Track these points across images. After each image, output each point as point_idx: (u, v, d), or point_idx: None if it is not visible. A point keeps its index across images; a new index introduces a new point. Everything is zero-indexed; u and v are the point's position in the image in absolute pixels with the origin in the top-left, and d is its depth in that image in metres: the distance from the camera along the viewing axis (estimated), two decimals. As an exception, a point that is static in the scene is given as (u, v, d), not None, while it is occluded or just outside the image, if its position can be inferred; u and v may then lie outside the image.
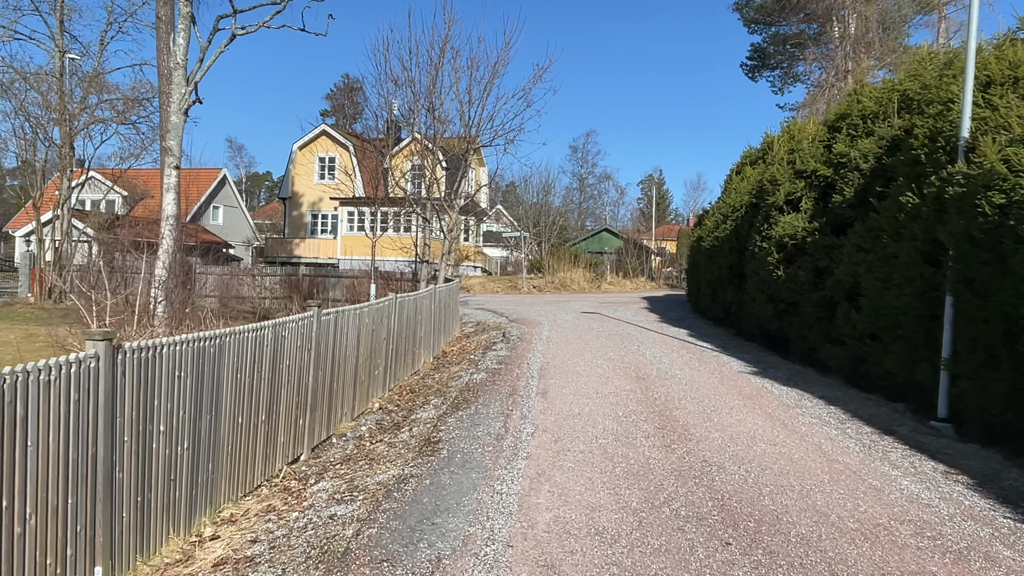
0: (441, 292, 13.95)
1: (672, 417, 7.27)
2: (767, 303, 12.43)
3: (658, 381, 9.31)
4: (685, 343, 13.55)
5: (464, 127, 16.31)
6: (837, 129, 12.62)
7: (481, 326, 16.73)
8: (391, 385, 10.00)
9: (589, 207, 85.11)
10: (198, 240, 43.25)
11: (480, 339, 14.46)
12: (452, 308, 15.51)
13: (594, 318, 17.85)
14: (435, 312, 13.17)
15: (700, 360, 11.37)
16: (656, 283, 34.88)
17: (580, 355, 11.47)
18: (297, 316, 6.55)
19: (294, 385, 6.53)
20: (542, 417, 7.05)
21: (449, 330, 15.14)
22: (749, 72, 36.03)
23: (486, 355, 11.54)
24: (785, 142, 16.22)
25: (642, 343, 13.22)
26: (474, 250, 41.73)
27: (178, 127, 9.23)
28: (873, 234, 9.20)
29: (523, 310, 20.01)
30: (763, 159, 17.39)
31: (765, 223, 13.07)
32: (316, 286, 21.60)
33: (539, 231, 41.31)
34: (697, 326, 16.96)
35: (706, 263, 17.38)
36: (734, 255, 15.38)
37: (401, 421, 7.57)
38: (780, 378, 9.97)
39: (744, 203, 15.66)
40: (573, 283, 29.70)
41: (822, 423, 7.35)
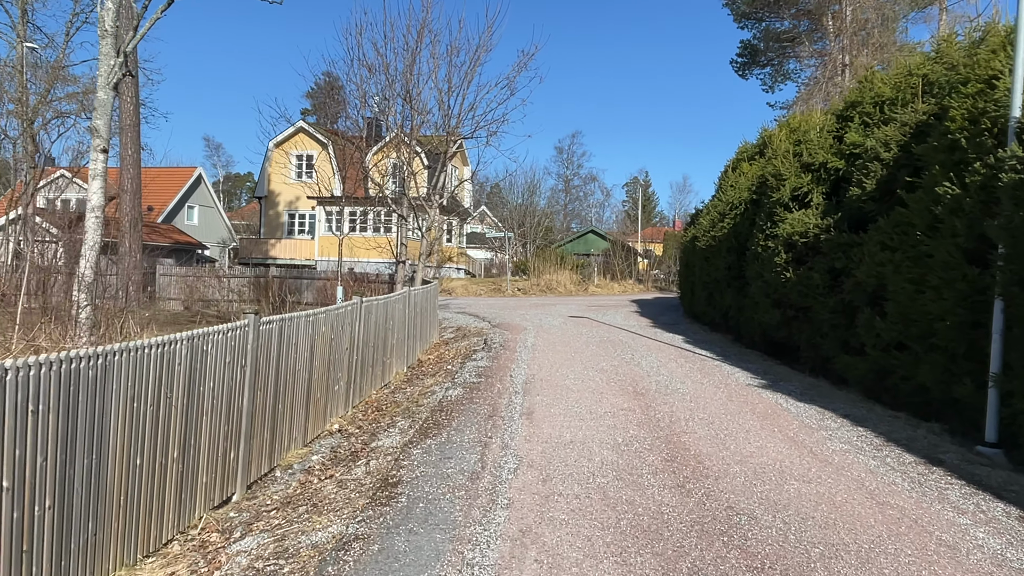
0: (417, 295, 12.74)
1: (681, 444, 6.12)
2: (773, 308, 11.35)
3: (659, 397, 8.16)
4: (683, 351, 12.44)
5: (443, 117, 15.16)
6: (847, 119, 11.61)
7: (462, 332, 15.54)
8: (355, 401, 8.78)
9: (575, 208, 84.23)
10: (170, 241, 41.73)
11: (460, 346, 13.26)
12: (430, 312, 14.31)
13: (583, 323, 16.72)
14: (410, 317, 11.97)
15: (702, 371, 10.25)
16: (644, 286, 33.85)
17: (569, 366, 10.31)
18: (226, 326, 5.33)
19: (222, 411, 5.30)
20: (527, 446, 5.87)
21: (426, 336, 13.94)
22: (739, 70, 35.16)
23: (465, 365, 10.35)
24: (786, 136, 15.21)
25: (636, 351, 12.09)
26: (457, 251, 40.50)
27: (106, 104, 7.97)
28: (901, 230, 8.13)
29: (507, 314, 18.84)
30: (761, 154, 16.38)
31: (769, 221, 12.01)
32: (287, 289, 20.30)
33: (524, 232, 40.16)
34: (693, 332, 15.87)
35: (702, 264, 16.31)
36: (733, 256, 14.31)
37: (360, 449, 6.36)
38: (794, 392, 8.87)
39: (743, 200, 14.61)
40: (559, 286, 28.57)
41: (855, 450, 6.24)
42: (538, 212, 49.17)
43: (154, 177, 52.63)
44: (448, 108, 15.09)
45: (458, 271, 41.22)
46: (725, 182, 17.80)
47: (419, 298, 12.92)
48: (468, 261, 44.65)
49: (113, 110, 12.61)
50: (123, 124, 20.89)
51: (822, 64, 25.21)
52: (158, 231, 42.21)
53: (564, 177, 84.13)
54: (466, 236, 43.70)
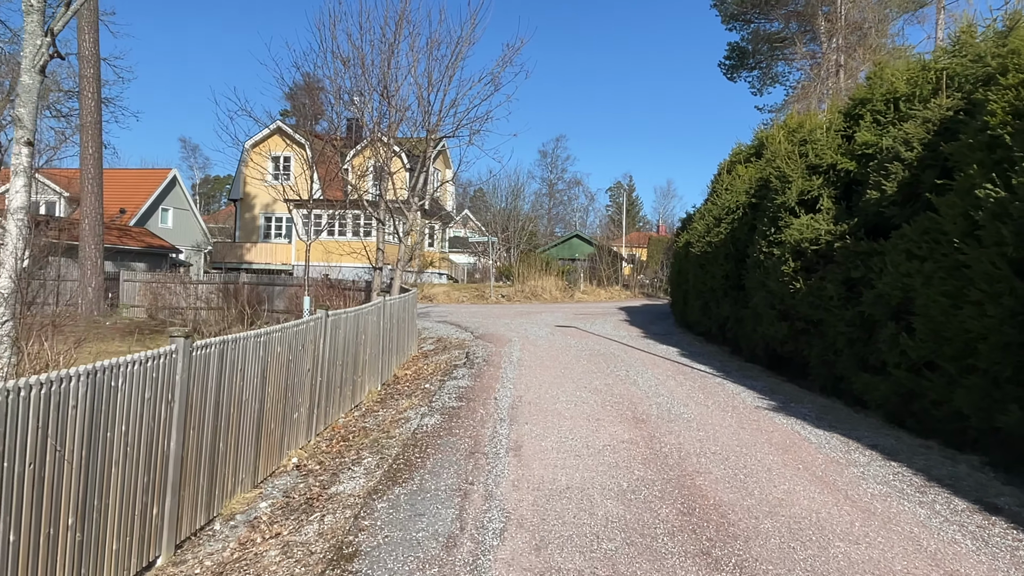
0: (393, 305, 11.74)
1: (697, 490, 5.20)
2: (779, 320, 10.50)
3: (663, 425, 7.24)
4: (680, 366, 11.55)
5: (423, 114, 14.18)
6: (856, 117, 10.83)
7: (442, 343, 14.55)
8: (319, 429, 7.77)
9: (559, 213, 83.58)
10: (143, 244, 40.34)
11: (440, 360, 12.28)
12: (408, 323, 13.31)
13: (570, 333, 15.80)
14: (385, 330, 10.97)
15: (704, 390, 9.36)
16: (631, 292, 33.05)
17: (560, 385, 9.37)
18: (144, 355, 4.32)
19: (139, 459, 4.30)
20: (515, 496, 4.91)
21: (404, 349, 12.94)
22: (728, 72, 34.53)
23: (444, 384, 9.37)
24: (784, 136, 14.45)
25: (631, 366, 11.17)
26: (439, 256, 39.48)
27: (31, 90, 6.90)
28: (931, 237, 7.28)
29: (490, 323, 17.88)
30: (757, 156, 15.61)
31: (772, 226, 11.18)
32: (257, 296, 19.17)
33: (508, 236, 39.24)
34: (687, 343, 15.01)
35: (696, 272, 15.47)
36: (731, 263, 13.48)
37: (316, 496, 5.36)
38: (809, 417, 7.99)
39: (741, 204, 13.79)
40: (544, 292, 27.66)
41: (897, 493, 5.35)
42: (522, 216, 48.28)
43: (127, 179, 51.14)
44: (428, 105, 14.14)
45: (440, 277, 40.18)
46: (719, 185, 17.02)
47: (395, 308, 11.92)
48: (451, 266, 43.63)
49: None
50: (83, 121, 19.68)
51: (814, 66, 24.59)
52: (130, 234, 40.83)
53: (548, 181, 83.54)
54: (448, 241, 42.70)
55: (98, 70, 19.71)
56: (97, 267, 19.93)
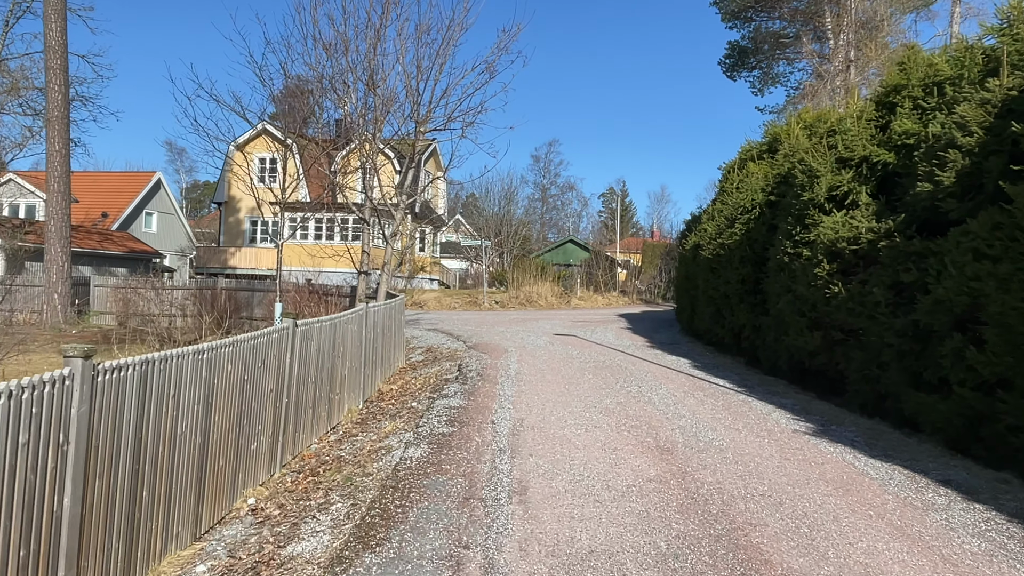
0: (378, 313, 10.57)
1: (757, 552, 4.05)
2: (809, 329, 9.39)
3: (692, 455, 6.10)
4: (696, 380, 10.42)
5: (412, 106, 13.03)
6: (890, 106, 9.80)
7: (433, 353, 13.38)
8: (286, 459, 6.59)
9: (552, 218, 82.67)
10: (124, 249, 39.02)
11: (429, 373, 11.11)
12: (395, 332, 12.14)
13: (571, 343, 14.66)
14: (368, 340, 9.80)
15: (729, 410, 8.23)
16: (629, 298, 31.96)
17: (566, 404, 8.22)
18: (20, 383, 3.15)
19: (10, 527, 3.12)
20: (524, 567, 3.74)
21: (390, 361, 11.77)
22: (728, 70, 33.61)
23: (433, 404, 8.19)
24: (801, 130, 13.43)
25: (642, 381, 10.04)
26: (430, 261, 38.30)
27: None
28: (1005, 234, 6.19)
29: (485, 331, 16.71)
30: (770, 152, 14.56)
31: (798, 225, 10.10)
32: (235, 302, 17.93)
33: (501, 241, 38.10)
34: (697, 354, 13.90)
35: (706, 276, 14.37)
36: (748, 266, 12.39)
37: (267, 560, 4.19)
38: (857, 443, 6.87)
39: (758, 202, 12.71)
40: (540, 298, 26.51)
41: (1004, 553, 4.23)
42: (515, 220, 47.20)
43: (110, 181, 49.72)
44: (418, 95, 13.00)
45: (431, 282, 38.98)
46: (728, 184, 15.96)
47: (380, 316, 10.75)
48: (442, 272, 42.44)
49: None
50: (49, 115, 18.43)
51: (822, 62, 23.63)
52: (111, 239, 39.50)
53: (541, 186, 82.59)
54: (440, 245, 41.54)
55: (65, 61, 18.48)
56: (64, 271, 18.66)
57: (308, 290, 17.93)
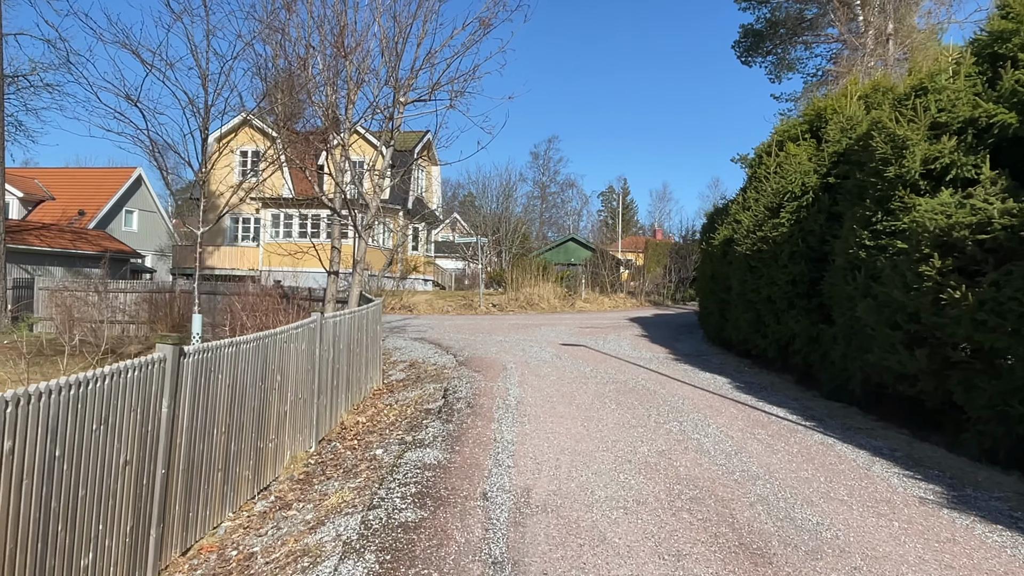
0: (340, 325, 8.26)
1: None
2: (905, 346, 7.08)
3: (804, 565, 3.79)
4: (747, 409, 8.12)
5: (390, 71, 10.74)
6: (997, 59, 7.58)
7: (416, 371, 11.08)
8: (169, 556, 4.29)
9: (551, 216, 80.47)
10: (99, 248, 36.68)
11: (407, 400, 8.80)
12: (367, 346, 9.83)
13: (581, 355, 12.35)
14: (324, 361, 7.51)
15: (813, 461, 5.93)
16: (637, 300, 29.66)
17: (588, 455, 5.92)
18: None
19: None
20: None
21: (360, 382, 9.46)
22: (742, 55, 31.30)
23: (403, 460, 5.86)
24: (855, 101, 11.21)
25: (681, 412, 7.74)
26: (424, 260, 35.95)
27: None
28: None
29: (479, 341, 14.41)
30: (813, 133, 12.27)
31: (879, 210, 7.85)
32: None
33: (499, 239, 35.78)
34: (733, 369, 11.61)
35: (742, 276, 12.07)
36: (800, 264, 10.10)
37: None
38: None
39: (811, 186, 10.43)
40: (541, 301, 24.20)
41: None
42: (514, 218, 44.89)
43: (87, 178, 47.29)
44: (397, 56, 10.69)
45: (425, 283, 36.66)
46: (762, 170, 13.68)
47: (345, 328, 8.43)
48: (437, 272, 40.12)
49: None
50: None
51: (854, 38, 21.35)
52: (85, 238, 37.14)
53: (540, 183, 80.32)
54: (434, 244, 39.20)
55: None
56: (-1, 273, 16.31)
57: (279, 293, 15.58)
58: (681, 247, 35.58)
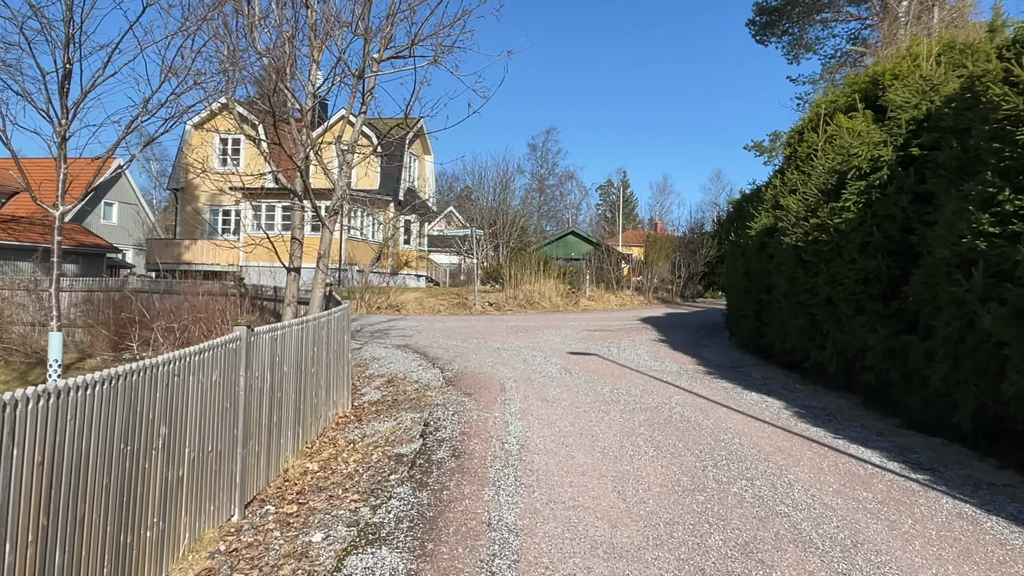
0: (288, 339, 6.17)
1: None
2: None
3: None
4: (831, 454, 6.05)
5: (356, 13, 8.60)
6: None
7: (394, 390, 9.01)
8: None
9: (550, 209, 78.33)
10: (73, 243, 34.53)
11: (376, 438, 6.73)
12: (330, 364, 7.75)
13: (595, 368, 10.28)
14: (256, 395, 5.43)
15: (972, 558, 3.87)
16: (645, 297, 27.59)
17: (635, 554, 3.85)
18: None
19: None
20: None
21: (319, 411, 7.38)
22: (757, 33, 29.21)
23: (347, 563, 3.78)
24: (931, 58, 9.22)
25: (746, 461, 5.67)
26: (416, 255, 33.81)
27: None
28: None
29: (472, 350, 12.33)
30: (869, 103, 10.18)
31: (1004, 185, 5.81)
32: (149, 309, 13.48)
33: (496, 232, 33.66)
34: (779, 385, 9.56)
35: (790, 273, 10.00)
36: (876, 258, 8.02)
37: None
38: None
39: (885, 160, 8.35)
40: (542, 299, 22.11)
41: None
42: (512, 211, 42.76)
43: (62, 170, 44.96)
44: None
45: (418, 279, 34.54)
46: (803, 148, 11.64)
47: (293, 344, 6.34)
48: (431, 267, 37.99)
49: None
50: None
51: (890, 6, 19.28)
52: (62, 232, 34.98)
53: (538, 176, 78.14)
54: (427, 238, 37.06)
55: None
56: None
57: (240, 292, 13.50)
58: (690, 241, 33.50)
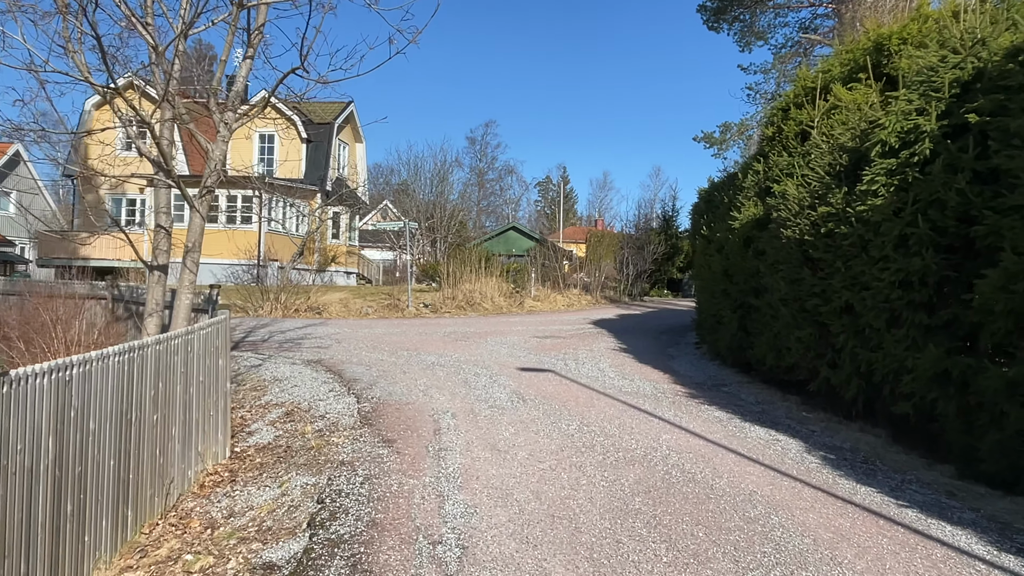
0: (100, 376, 3.86)
1: None
2: None
3: None
4: (909, 537, 4.14)
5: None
6: None
7: (290, 430, 6.73)
8: None
9: (489, 205, 76.26)
10: (-47, 236, 30.53)
11: (246, 521, 4.48)
12: (192, 404, 5.44)
13: (553, 391, 8.23)
14: (33, 476, 3.11)
15: None
16: (592, 296, 25.79)
17: None
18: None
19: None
20: None
21: (164, 476, 5.06)
22: (709, 18, 27.80)
23: None
24: (970, 13, 7.54)
25: (808, 567, 3.69)
26: (345, 251, 31.13)
27: None
28: None
29: (402, 366, 10.11)
30: (877, 70, 8.48)
31: None
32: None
33: (433, 225, 31.31)
34: (780, 413, 7.74)
35: (791, 274, 8.17)
36: (921, 255, 6.21)
37: None
38: None
39: (927, 131, 6.53)
40: (484, 299, 19.97)
41: None
42: (450, 204, 40.44)
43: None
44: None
45: (348, 276, 31.87)
46: (789, 126, 9.96)
47: (110, 387, 4.03)
48: (363, 263, 35.31)
49: None
50: None
51: None
52: (-66, 223, 30.94)
53: (477, 170, 75.97)
54: (358, 232, 34.37)
55: None
56: None
57: (111, 297, 10.89)
58: (636, 237, 32.00)
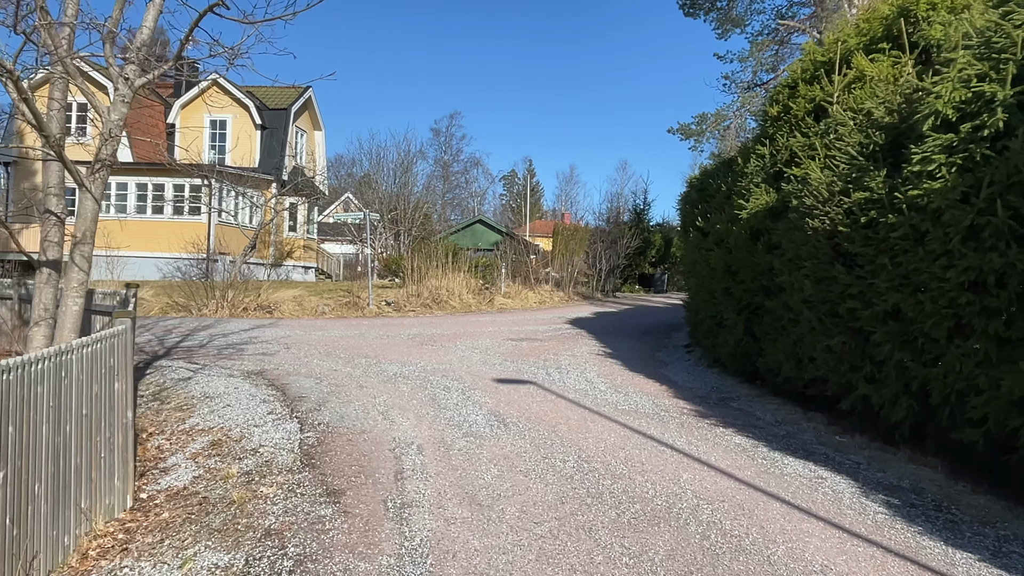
0: None
1: None
2: None
3: None
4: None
5: None
6: None
7: (214, 467, 5.29)
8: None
9: (454, 197, 74.56)
10: None
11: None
12: (73, 445, 3.99)
13: (537, 410, 6.92)
14: None
15: None
16: (565, 292, 24.58)
17: None
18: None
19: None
20: None
21: (19, 551, 3.61)
22: (685, 5, 26.77)
23: None
24: None
25: None
26: (303, 244, 29.36)
27: None
28: None
29: (357, 378, 8.70)
30: (898, 40, 7.37)
31: None
32: None
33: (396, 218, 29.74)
34: (809, 436, 6.55)
35: (817, 272, 6.98)
36: (996, 250, 5.04)
37: None
38: None
39: (999, 102, 5.34)
40: (451, 296, 18.57)
41: None
42: (414, 196, 38.85)
43: None
44: None
45: (306, 271, 30.11)
46: (799, 104, 8.79)
47: None
48: (322, 258, 33.55)
49: None
50: None
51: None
52: None
53: (442, 162, 74.20)
54: (317, 225, 32.56)
55: None
56: None
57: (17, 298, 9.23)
58: (608, 231, 30.89)
